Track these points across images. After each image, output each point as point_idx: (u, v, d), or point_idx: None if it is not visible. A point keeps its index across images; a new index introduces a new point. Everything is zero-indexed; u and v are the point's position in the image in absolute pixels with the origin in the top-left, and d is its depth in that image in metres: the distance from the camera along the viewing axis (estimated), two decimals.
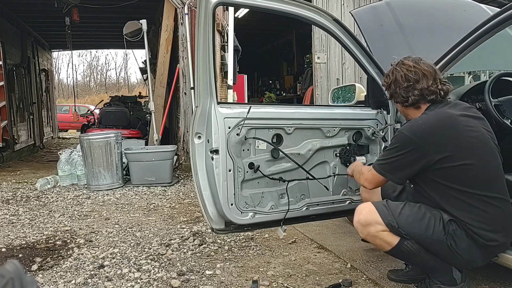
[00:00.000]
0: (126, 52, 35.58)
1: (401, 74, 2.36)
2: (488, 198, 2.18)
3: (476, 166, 2.18)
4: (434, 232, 2.21)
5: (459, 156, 2.18)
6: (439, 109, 2.30)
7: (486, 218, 2.18)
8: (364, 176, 2.48)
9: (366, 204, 2.36)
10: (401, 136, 2.27)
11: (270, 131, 2.67)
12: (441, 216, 2.23)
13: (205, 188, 2.53)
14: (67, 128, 20.89)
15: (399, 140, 2.27)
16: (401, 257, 2.41)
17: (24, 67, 11.19)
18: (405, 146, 2.23)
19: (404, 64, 2.38)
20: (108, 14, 10.06)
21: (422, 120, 2.27)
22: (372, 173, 2.39)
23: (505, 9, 2.40)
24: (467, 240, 2.20)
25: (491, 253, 2.26)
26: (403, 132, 2.27)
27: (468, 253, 2.22)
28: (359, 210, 2.34)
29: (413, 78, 2.32)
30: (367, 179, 2.45)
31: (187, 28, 6.98)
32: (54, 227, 4.11)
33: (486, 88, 2.76)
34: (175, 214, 4.55)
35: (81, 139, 6.22)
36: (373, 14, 3.91)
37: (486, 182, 2.20)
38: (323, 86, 8.07)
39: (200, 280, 2.79)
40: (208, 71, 2.44)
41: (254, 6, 2.64)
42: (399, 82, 2.36)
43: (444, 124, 2.22)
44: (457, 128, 2.21)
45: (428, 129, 2.21)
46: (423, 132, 2.21)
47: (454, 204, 2.21)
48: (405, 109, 2.45)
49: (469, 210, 2.19)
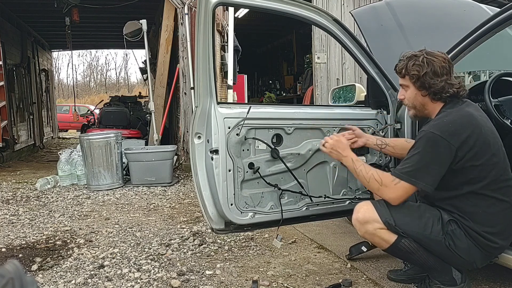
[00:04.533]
0: (126, 52, 35.65)
1: (439, 65, 2.23)
2: (497, 201, 2.19)
3: (493, 167, 2.18)
4: (432, 231, 2.21)
5: (481, 156, 2.16)
6: (460, 107, 2.25)
7: (492, 220, 2.19)
8: (389, 190, 2.21)
9: (365, 202, 2.37)
10: (430, 136, 2.14)
11: (270, 131, 2.67)
12: (440, 216, 2.23)
13: (205, 188, 2.53)
14: (67, 128, 20.90)
15: (429, 140, 2.15)
16: (399, 255, 2.41)
17: (24, 67, 11.19)
18: (436, 146, 2.13)
19: (435, 56, 2.26)
20: (108, 14, 10.06)
21: (447, 119, 2.19)
22: (402, 185, 2.18)
23: (505, 9, 2.40)
24: (467, 240, 2.20)
25: (490, 254, 2.26)
26: (432, 132, 2.14)
27: (467, 253, 2.22)
28: (357, 209, 2.34)
29: (447, 71, 2.25)
30: (397, 194, 2.19)
31: (187, 28, 6.99)
32: (54, 227, 4.11)
33: (486, 88, 2.76)
34: (175, 214, 4.55)
35: (81, 139, 6.21)
36: (373, 14, 3.92)
37: (498, 183, 2.20)
38: (323, 86, 8.07)
39: (200, 280, 2.79)
40: (208, 71, 2.44)
41: (254, 6, 2.63)
42: (437, 73, 2.23)
43: (470, 123, 2.17)
44: (480, 127, 2.18)
45: (457, 127, 2.15)
46: (451, 130, 2.14)
47: (462, 203, 2.21)
48: (430, 102, 2.31)
49: (477, 211, 2.19)
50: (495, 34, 2.52)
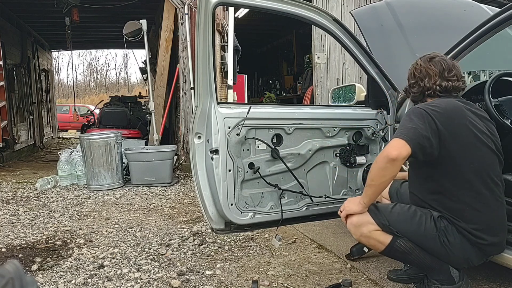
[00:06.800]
0: (126, 52, 35.66)
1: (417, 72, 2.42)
2: (479, 195, 2.21)
3: (475, 159, 2.21)
4: (426, 228, 2.23)
5: (458, 147, 2.20)
6: (449, 99, 2.33)
7: (477, 217, 2.21)
8: (386, 147, 2.21)
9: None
10: (416, 110, 2.24)
11: (270, 131, 2.67)
12: (431, 214, 2.26)
13: (205, 188, 2.53)
14: (67, 128, 20.90)
15: (414, 111, 2.24)
16: (396, 256, 2.41)
17: (24, 67, 11.19)
18: (421, 116, 2.20)
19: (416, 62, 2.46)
20: (108, 14, 10.06)
21: (434, 102, 2.30)
22: (394, 140, 2.18)
23: (505, 9, 2.40)
24: (459, 236, 2.22)
25: (484, 252, 2.27)
26: (417, 107, 2.26)
27: (461, 250, 2.23)
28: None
29: (418, 77, 2.40)
30: (390, 145, 2.18)
31: (187, 28, 6.99)
32: (54, 227, 4.11)
33: (486, 88, 2.76)
34: (175, 214, 4.55)
35: (81, 139, 6.21)
36: (373, 14, 3.92)
37: (483, 177, 2.22)
38: (323, 86, 8.07)
39: (200, 280, 2.79)
40: (208, 71, 2.44)
41: (254, 6, 2.64)
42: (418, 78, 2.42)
43: (454, 111, 2.25)
44: (464, 118, 2.24)
45: (440, 110, 2.22)
46: (435, 111, 2.21)
47: (446, 199, 2.24)
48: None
49: (462, 208, 2.21)
50: (495, 34, 2.52)
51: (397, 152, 2.12)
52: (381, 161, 2.18)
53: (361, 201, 2.29)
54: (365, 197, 2.29)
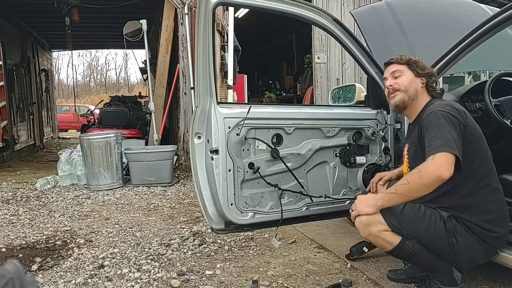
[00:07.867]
0: (126, 52, 35.65)
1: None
2: (492, 189, 2.26)
3: (484, 153, 2.27)
4: (436, 229, 2.22)
5: (475, 140, 2.24)
6: (446, 100, 2.40)
7: (487, 207, 2.23)
8: (430, 166, 2.06)
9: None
10: (439, 113, 2.18)
11: (270, 131, 2.67)
12: (440, 214, 2.25)
13: (205, 188, 2.53)
14: (67, 128, 20.90)
15: (441, 116, 2.17)
16: (402, 257, 2.41)
17: (24, 67, 11.19)
18: (448, 119, 2.16)
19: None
20: (108, 14, 10.07)
21: (444, 102, 2.31)
22: (440, 156, 2.05)
23: (505, 9, 2.40)
24: (468, 235, 2.22)
25: (491, 246, 2.27)
26: (440, 110, 2.20)
27: (468, 250, 2.23)
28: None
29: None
30: (442, 163, 2.04)
31: (187, 28, 6.99)
32: (54, 227, 4.11)
33: (486, 88, 2.77)
34: (175, 214, 4.55)
35: (81, 139, 6.21)
36: (373, 14, 3.92)
37: (490, 171, 2.28)
38: (323, 86, 8.07)
39: (200, 280, 2.79)
40: (208, 71, 2.44)
41: (254, 6, 2.64)
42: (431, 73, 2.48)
43: (463, 109, 2.29)
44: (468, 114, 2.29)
45: (456, 106, 2.25)
46: (453, 109, 2.22)
47: (453, 197, 2.25)
48: (424, 92, 2.44)
49: (470, 203, 2.24)
50: (495, 34, 2.52)
51: (450, 172, 2.04)
52: (430, 179, 2.05)
53: (377, 203, 2.20)
54: (385, 202, 2.20)
